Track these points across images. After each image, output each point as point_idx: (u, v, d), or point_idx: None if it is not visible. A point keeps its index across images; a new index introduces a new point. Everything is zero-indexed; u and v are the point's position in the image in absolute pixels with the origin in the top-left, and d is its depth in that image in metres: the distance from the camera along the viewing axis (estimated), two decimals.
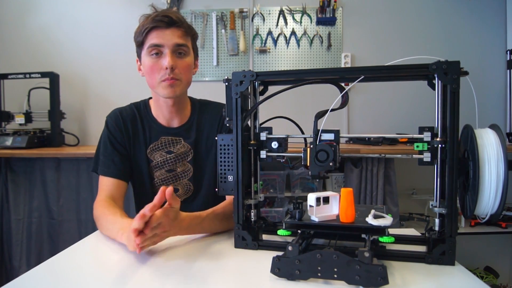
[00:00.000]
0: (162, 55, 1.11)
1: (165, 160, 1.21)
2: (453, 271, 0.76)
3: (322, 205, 0.84)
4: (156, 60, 1.11)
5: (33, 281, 0.76)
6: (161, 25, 1.09)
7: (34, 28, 2.69)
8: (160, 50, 1.10)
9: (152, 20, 1.09)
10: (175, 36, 1.10)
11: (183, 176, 1.23)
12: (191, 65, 1.16)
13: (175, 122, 1.23)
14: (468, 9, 2.56)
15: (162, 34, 1.09)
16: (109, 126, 1.22)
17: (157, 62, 1.11)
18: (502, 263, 2.54)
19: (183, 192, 1.24)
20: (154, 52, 1.10)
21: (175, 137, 1.22)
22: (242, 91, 0.88)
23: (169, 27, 1.10)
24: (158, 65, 1.11)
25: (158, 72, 1.11)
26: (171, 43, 1.10)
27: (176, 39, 1.10)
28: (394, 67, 0.81)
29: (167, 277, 0.76)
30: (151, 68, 1.12)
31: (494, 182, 0.74)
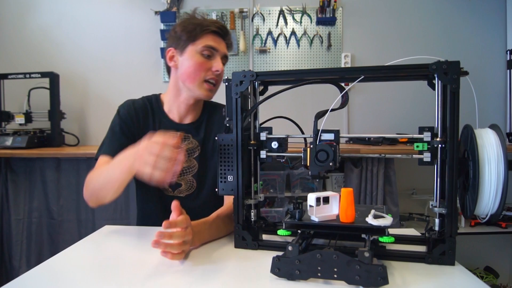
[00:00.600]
0: (212, 58, 1.17)
1: None
2: (453, 271, 0.76)
3: (322, 205, 0.84)
4: (206, 61, 1.16)
5: (33, 281, 0.76)
6: (220, 32, 1.18)
7: (34, 28, 2.69)
8: (213, 53, 1.16)
9: (214, 25, 1.17)
10: (225, 48, 1.21)
11: (188, 172, 1.23)
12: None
13: (187, 119, 1.25)
14: (468, 9, 2.56)
15: (219, 41, 1.18)
16: (120, 113, 1.22)
17: (206, 62, 1.16)
18: (502, 263, 2.54)
19: (185, 188, 1.24)
20: (207, 54, 1.16)
21: (185, 133, 1.23)
22: (242, 91, 0.88)
23: (223, 38, 1.20)
24: (207, 65, 1.15)
25: (205, 71, 1.16)
26: (222, 52, 1.19)
27: (226, 50, 1.21)
28: (394, 67, 0.81)
29: (167, 277, 0.76)
30: (200, 65, 1.15)
31: (494, 182, 0.74)
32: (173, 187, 1.23)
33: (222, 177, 0.91)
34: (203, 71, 1.15)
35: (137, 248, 0.97)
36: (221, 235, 1.00)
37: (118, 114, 1.23)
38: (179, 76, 1.19)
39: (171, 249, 0.80)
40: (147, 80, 2.66)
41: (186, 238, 0.82)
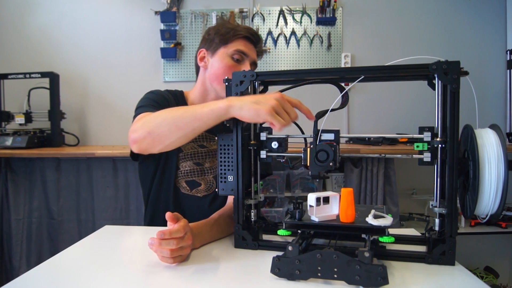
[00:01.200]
0: (242, 63, 1.19)
1: (195, 153, 1.21)
2: (453, 271, 0.76)
3: (322, 205, 0.84)
4: (236, 64, 1.19)
5: (33, 281, 0.76)
6: (252, 38, 1.21)
7: (34, 28, 2.69)
8: (243, 57, 1.19)
9: (247, 31, 1.19)
10: (255, 54, 1.23)
11: (209, 172, 1.23)
12: None
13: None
14: (468, 9, 2.56)
15: (250, 47, 1.21)
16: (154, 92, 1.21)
17: (236, 66, 1.18)
18: (502, 263, 2.54)
19: (204, 188, 1.23)
20: (237, 58, 1.18)
21: (210, 134, 1.22)
22: (242, 91, 0.88)
23: (255, 45, 1.23)
24: (235, 69, 1.17)
25: None
26: (252, 58, 1.21)
27: (255, 57, 1.23)
28: (394, 67, 0.81)
29: (167, 277, 0.76)
30: (229, 68, 1.17)
31: (494, 182, 0.74)
32: (191, 185, 1.21)
33: (222, 177, 0.90)
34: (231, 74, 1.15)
35: (137, 248, 0.97)
36: (222, 236, 1.00)
37: (152, 92, 1.20)
38: (208, 76, 1.22)
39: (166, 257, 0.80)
40: (147, 80, 2.66)
41: (182, 244, 0.80)
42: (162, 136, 0.88)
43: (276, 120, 0.80)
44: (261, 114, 0.79)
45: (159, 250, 0.79)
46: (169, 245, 0.78)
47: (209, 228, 0.96)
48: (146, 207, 1.27)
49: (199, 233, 0.91)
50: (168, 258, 0.80)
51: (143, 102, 1.15)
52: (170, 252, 0.78)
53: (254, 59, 1.22)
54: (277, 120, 0.80)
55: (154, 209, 1.25)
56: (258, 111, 0.79)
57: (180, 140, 0.89)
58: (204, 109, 0.85)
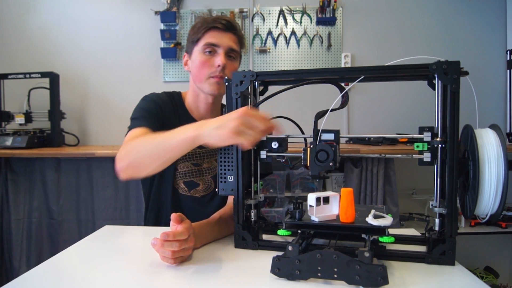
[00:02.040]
0: (215, 54, 1.16)
1: (193, 153, 1.21)
2: (453, 271, 0.76)
3: (322, 205, 0.84)
4: (209, 58, 1.16)
5: (33, 281, 0.76)
6: (220, 27, 1.16)
7: (34, 28, 2.69)
8: (214, 49, 1.16)
9: (213, 21, 1.16)
10: (230, 41, 1.17)
11: (207, 173, 1.23)
12: (237, 69, 1.21)
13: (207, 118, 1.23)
14: (468, 9, 2.56)
15: (220, 36, 1.16)
16: (147, 98, 1.20)
17: (209, 59, 1.15)
18: (502, 263, 2.54)
19: (203, 188, 1.23)
20: (208, 50, 1.16)
21: None
22: (242, 91, 0.88)
23: (227, 31, 1.17)
24: (210, 62, 1.15)
25: (209, 68, 1.15)
26: (226, 45, 1.16)
27: (231, 43, 1.17)
28: (394, 67, 0.81)
29: (167, 277, 0.76)
30: (202, 64, 1.16)
31: (494, 182, 0.74)
32: (189, 186, 1.22)
33: (222, 177, 0.90)
34: (207, 68, 1.15)
35: (137, 248, 0.97)
36: (223, 236, 1.00)
37: (144, 100, 1.19)
38: (192, 78, 1.22)
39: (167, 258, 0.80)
40: (147, 80, 2.66)
41: (185, 246, 0.81)
42: (142, 166, 0.92)
43: (242, 139, 0.78)
44: (225, 139, 0.78)
45: (161, 250, 0.79)
46: (172, 246, 0.78)
47: (211, 228, 0.96)
48: (146, 208, 1.27)
49: (200, 233, 0.91)
50: (169, 259, 0.80)
51: (136, 113, 1.14)
52: (172, 253, 0.79)
53: (229, 46, 1.16)
54: (243, 139, 0.78)
55: (154, 210, 1.25)
56: (222, 137, 0.78)
57: (159, 167, 0.91)
58: (175, 139, 0.86)
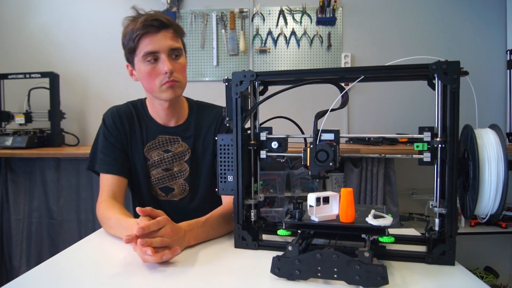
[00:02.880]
0: (158, 60, 1.09)
1: (162, 159, 1.21)
2: (453, 271, 0.76)
3: (322, 205, 0.84)
4: (154, 66, 1.09)
5: (33, 281, 0.76)
6: (152, 30, 1.06)
7: (34, 28, 2.69)
8: (156, 56, 1.08)
9: (142, 26, 1.06)
10: (168, 39, 1.08)
11: (179, 176, 1.23)
12: (185, 64, 1.17)
13: (172, 122, 1.23)
14: (468, 9, 2.56)
15: (155, 39, 1.07)
16: (106, 123, 1.22)
17: (154, 68, 1.09)
18: (502, 263, 2.54)
19: (178, 192, 1.24)
20: (151, 59, 1.08)
21: (173, 136, 1.22)
22: (242, 91, 0.88)
23: (160, 31, 1.08)
24: (156, 71, 1.09)
25: (157, 77, 1.10)
26: (165, 48, 1.08)
27: (170, 42, 1.09)
28: (394, 67, 0.81)
29: (167, 277, 0.76)
30: (149, 75, 1.10)
31: (494, 182, 0.74)
32: (166, 191, 1.23)
33: (222, 177, 0.90)
34: (155, 77, 1.10)
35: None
36: (218, 235, 1.00)
37: (104, 124, 1.22)
38: (144, 88, 1.18)
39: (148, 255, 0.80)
40: None
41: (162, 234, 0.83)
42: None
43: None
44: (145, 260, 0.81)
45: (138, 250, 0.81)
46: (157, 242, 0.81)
47: (201, 225, 0.96)
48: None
49: (190, 230, 0.91)
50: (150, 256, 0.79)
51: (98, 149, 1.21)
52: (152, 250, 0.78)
53: (168, 46, 1.08)
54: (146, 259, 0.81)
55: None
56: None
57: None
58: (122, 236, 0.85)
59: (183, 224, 0.91)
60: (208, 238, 0.97)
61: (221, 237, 1.00)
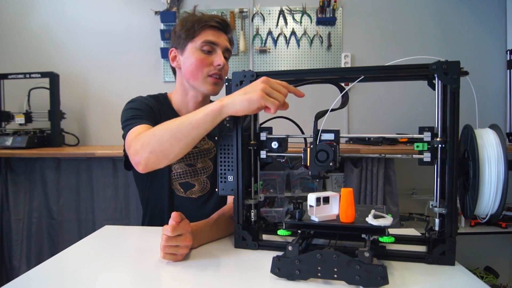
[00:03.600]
0: (213, 53, 1.15)
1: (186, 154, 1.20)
2: (453, 271, 0.76)
3: (322, 205, 0.84)
4: (207, 56, 1.14)
5: (33, 281, 0.76)
6: (219, 26, 1.15)
7: (34, 28, 2.69)
8: (213, 48, 1.15)
9: (210, 19, 1.14)
10: (226, 41, 1.18)
11: (202, 173, 1.23)
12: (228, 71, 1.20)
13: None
14: (468, 9, 2.56)
15: (218, 35, 1.16)
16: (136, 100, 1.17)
17: (208, 57, 1.14)
18: (502, 263, 2.54)
19: (199, 189, 1.23)
20: (207, 49, 1.14)
21: None
22: None
23: (224, 32, 1.17)
24: (208, 61, 1.14)
25: (207, 67, 1.14)
26: (224, 45, 1.16)
27: (227, 44, 1.18)
28: (394, 67, 0.81)
29: (166, 277, 0.76)
30: (201, 62, 1.14)
31: (494, 182, 0.74)
32: (185, 187, 1.22)
33: (222, 177, 0.90)
34: (205, 66, 1.14)
35: (137, 248, 0.97)
36: (222, 236, 1.00)
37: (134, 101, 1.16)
38: (184, 75, 1.18)
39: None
40: (147, 80, 2.66)
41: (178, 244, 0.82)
42: (165, 152, 0.88)
43: (269, 102, 0.79)
44: (254, 101, 0.79)
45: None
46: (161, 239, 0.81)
47: (209, 228, 0.96)
48: (143, 210, 1.27)
49: (198, 233, 0.91)
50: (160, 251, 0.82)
51: (127, 115, 1.09)
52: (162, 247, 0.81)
53: (226, 46, 1.17)
54: (270, 102, 0.79)
55: (151, 212, 1.25)
56: (250, 100, 0.79)
57: (183, 150, 0.88)
58: (198, 115, 0.84)
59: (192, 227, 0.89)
60: (213, 240, 0.97)
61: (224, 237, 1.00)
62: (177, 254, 0.83)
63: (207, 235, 0.95)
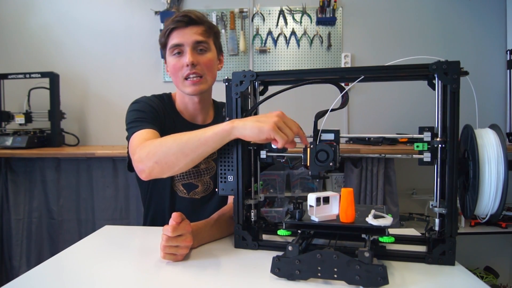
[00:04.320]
0: (182, 53, 1.13)
1: None
2: (453, 271, 0.76)
3: (322, 205, 0.84)
4: (178, 59, 1.13)
5: (33, 281, 0.76)
6: (181, 25, 1.12)
7: (34, 28, 2.69)
8: (181, 49, 1.13)
9: (173, 21, 1.13)
10: (195, 34, 1.12)
11: (206, 173, 1.23)
12: (213, 60, 1.17)
13: (198, 118, 1.24)
14: (468, 9, 2.56)
15: (182, 33, 1.12)
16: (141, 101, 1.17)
17: (179, 60, 1.13)
18: (502, 263, 2.54)
19: (202, 189, 1.23)
20: (176, 52, 1.13)
21: None
22: (242, 91, 0.88)
23: (188, 26, 1.12)
24: (180, 63, 1.13)
25: (181, 70, 1.13)
26: (190, 41, 1.12)
27: (196, 37, 1.12)
28: (394, 67, 0.81)
29: (166, 277, 0.76)
30: (174, 67, 1.14)
31: (494, 182, 0.74)
32: (188, 188, 1.22)
33: (222, 177, 0.90)
34: (179, 70, 1.13)
35: (137, 248, 0.97)
36: (222, 236, 1.00)
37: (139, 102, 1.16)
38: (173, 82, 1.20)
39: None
40: (147, 80, 2.66)
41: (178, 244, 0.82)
42: (170, 164, 0.88)
43: (279, 135, 0.79)
44: (264, 131, 0.79)
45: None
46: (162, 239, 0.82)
47: (209, 228, 0.96)
48: (145, 210, 1.27)
49: (198, 233, 0.91)
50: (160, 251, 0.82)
51: (132, 117, 1.10)
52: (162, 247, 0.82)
53: (194, 40, 1.11)
54: (280, 136, 0.79)
55: (153, 213, 1.25)
56: (261, 128, 0.79)
57: (188, 165, 0.89)
58: (207, 133, 0.85)
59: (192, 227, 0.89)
60: (213, 240, 0.97)
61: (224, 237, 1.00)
62: (177, 254, 0.83)
63: (207, 235, 0.96)
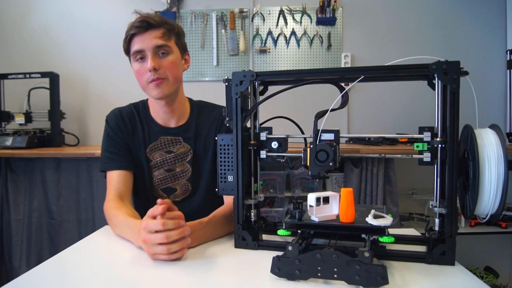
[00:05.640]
0: (145, 58, 1.13)
1: (164, 160, 1.22)
2: (453, 271, 0.76)
3: (322, 205, 0.84)
4: (141, 64, 1.14)
5: (33, 281, 0.76)
6: (140, 30, 1.11)
7: (34, 28, 2.69)
8: (143, 54, 1.13)
9: (132, 27, 1.12)
10: (155, 38, 1.12)
11: (182, 176, 1.23)
12: (176, 62, 1.17)
13: (172, 122, 1.24)
14: (468, 9, 2.56)
15: (142, 39, 1.12)
16: (109, 124, 1.24)
17: (142, 66, 1.14)
18: (502, 263, 2.54)
19: (181, 192, 1.24)
20: (139, 57, 1.14)
21: (175, 136, 1.23)
22: (242, 91, 0.88)
23: (147, 30, 1.12)
24: (143, 69, 1.13)
25: (144, 75, 1.14)
26: (150, 46, 1.11)
27: (156, 41, 1.12)
28: (394, 67, 0.81)
29: (167, 277, 0.76)
30: (138, 73, 1.15)
31: (494, 182, 0.74)
32: (168, 192, 1.24)
33: (222, 177, 0.90)
34: (143, 75, 1.14)
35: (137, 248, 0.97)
36: (219, 235, 1.00)
37: (108, 125, 1.24)
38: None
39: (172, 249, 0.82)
40: None
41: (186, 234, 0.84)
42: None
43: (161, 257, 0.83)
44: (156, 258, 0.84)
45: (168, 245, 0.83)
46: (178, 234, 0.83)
47: (203, 226, 0.96)
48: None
49: (193, 231, 0.91)
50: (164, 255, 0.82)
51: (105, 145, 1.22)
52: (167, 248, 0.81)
53: (154, 44, 1.11)
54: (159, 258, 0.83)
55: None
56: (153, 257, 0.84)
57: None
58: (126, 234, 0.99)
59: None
60: (209, 239, 0.97)
61: (221, 237, 1.00)
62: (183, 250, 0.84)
63: (203, 233, 0.95)
